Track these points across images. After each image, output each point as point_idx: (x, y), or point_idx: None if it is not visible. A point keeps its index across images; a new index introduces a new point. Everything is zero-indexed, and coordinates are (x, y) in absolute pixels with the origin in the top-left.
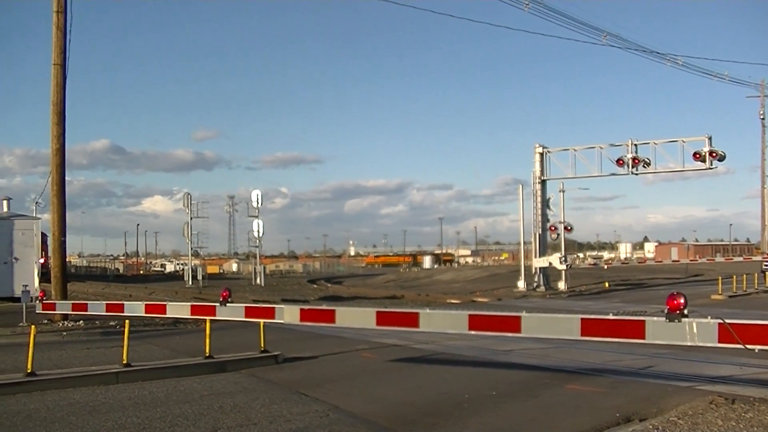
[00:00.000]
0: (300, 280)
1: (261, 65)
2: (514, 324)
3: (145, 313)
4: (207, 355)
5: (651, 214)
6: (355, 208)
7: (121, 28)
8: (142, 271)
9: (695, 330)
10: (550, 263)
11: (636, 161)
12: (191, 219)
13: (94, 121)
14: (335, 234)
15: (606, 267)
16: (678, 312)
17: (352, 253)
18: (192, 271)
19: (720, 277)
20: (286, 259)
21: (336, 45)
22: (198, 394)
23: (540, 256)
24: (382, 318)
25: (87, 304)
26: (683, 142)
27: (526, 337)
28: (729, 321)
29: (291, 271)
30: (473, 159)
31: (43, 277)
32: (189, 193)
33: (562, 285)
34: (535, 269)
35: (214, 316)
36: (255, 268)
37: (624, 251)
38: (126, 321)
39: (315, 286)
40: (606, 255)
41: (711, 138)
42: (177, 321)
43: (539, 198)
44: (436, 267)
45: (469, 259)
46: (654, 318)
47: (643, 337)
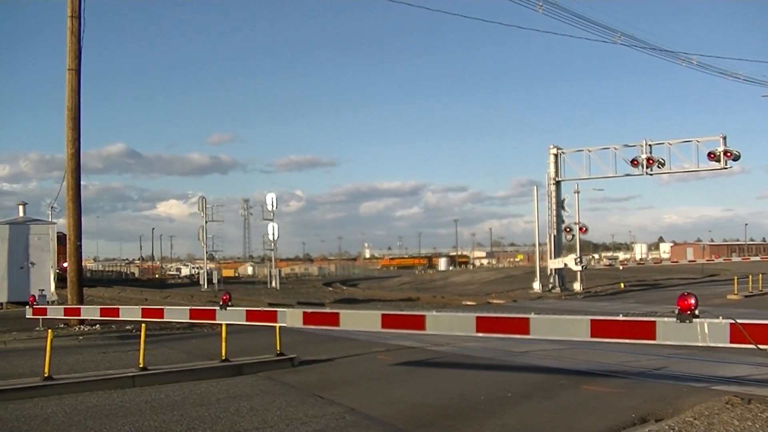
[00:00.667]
0: (315, 283)
1: (276, 69)
2: (522, 326)
3: (142, 318)
4: (223, 359)
5: (666, 214)
6: (370, 210)
7: (137, 33)
8: (157, 275)
9: (706, 330)
10: (565, 264)
11: (650, 162)
12: (206, 222)
13: (109, 126)
14: (350, 237)
15: (621, 268)
16: (689, 312)
17: (367, 256)
18: (207, 275)
19: (736, 277)
20: (301, 262)
21: (350, 48)
22: (215, 397)
23: (555, 257)
24: (387, 321)
25: (80, 308)
26: (698, 142)
27: (540, 339)
28: (741, 321)
29: (306, 274)
30: (488, 161)
31: (63, 282)
32: (204, 197)
33: (577, 286)
34: (551, 270)
35: (214, 319)
36: (270, 271)
37: (639, 252)
38: (142, 325)
39: (330, 288)
40: (621, 256)
41: (726, 138)
42: (193, 324)
43: (554, 199)
44: (451, 269)
45: (484, 261)
46: (665, 318)
47: (654, 338)
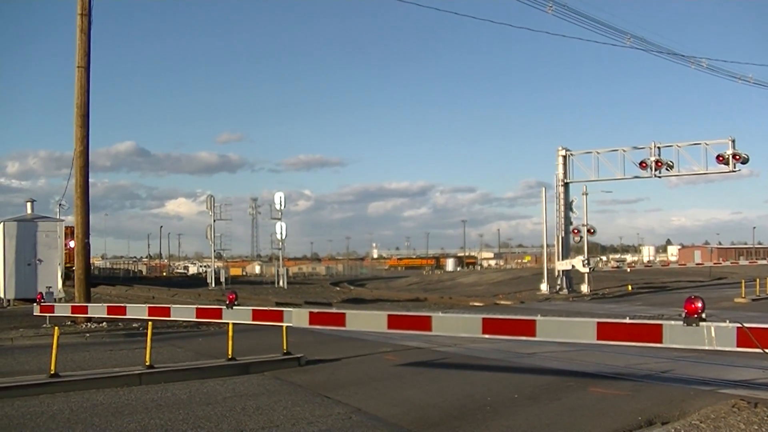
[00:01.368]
0: (323, 282)
1: (285, 69)
2: (528, 328)
3: (148, 316)
4: (230, 357)
5: (674, 217)
6: (378, 210)
7: (148, 32)
8: (165, 273)
9: (713, 334)
10: (573, 266)
11: (659, 164)
12: (214, 221)
13: (118, 124)
14: (358, 236)
15: (629, 270)
16: (696, 316)
17: (374, 256)
18: (215, 274)
19: (743, 281)
20: (309, 262)
21: (359, 49)
22: (221, 396)
23: (563, 258)
24: (393, 322)
25: (88, 306)
26: (706, 144)
27: (546, 341)
28: (748, 325)
29: (314, 274)
30: (496, 162)
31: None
32: (212, 196)
33: (585, 288)
34: (558, 272)
35: (220, 318)
36: (278, 270)
37: (647, 254)
38: (149, 323)
39: (338, 288)
40: (629, 258)
41: (734, 140)
42: (200, 323)
43: (562, 201)
44: (459, 270)
45: (492, 262)
46: (671, 322)
47: (661, 341)
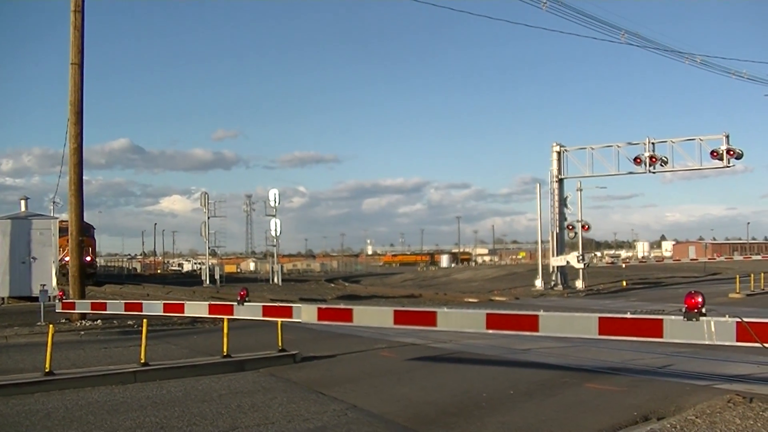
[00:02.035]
0: (317, 279)
1: (280, 66)
2: (531, 323)
3: (164, 312)
4: (225, 354)
5: (669, 212)
6: (373, 207)
7: (141, 28)
8: (159, 271)
9: (713, 329)
10: (567, 262)
11: (653, 160)
12: (208, 218)
13: (113, 121)
14: (353, 233)
15: (624, 266)
16: (696, 311)
17: (369, 252)
18: (210, 271)
19: (738, 276)
20: (303, 258)
21: (355, 45)
22: (216, 393)
23: (558, 254)
24: (399, 317)
25: (106, 303)
26: (701, 140)
27: (544, 336)
28: (747, 320)
29: (308, 270)
30: (491, 158)
31: (86, 278)
32: (206, 193)
33: (579, 284)
34: (553, 268)
35: (232, 315)
36: (272, 267)
37: (642, 250)
38: (144, 320)
39: (333, 285)
40: (624, 254)
41: (729, 136)
42: (195, 320)
43: (557, 197)
44: (453, 266)
45: (487, 258)
46: (672, 317)
47: (661, 336)
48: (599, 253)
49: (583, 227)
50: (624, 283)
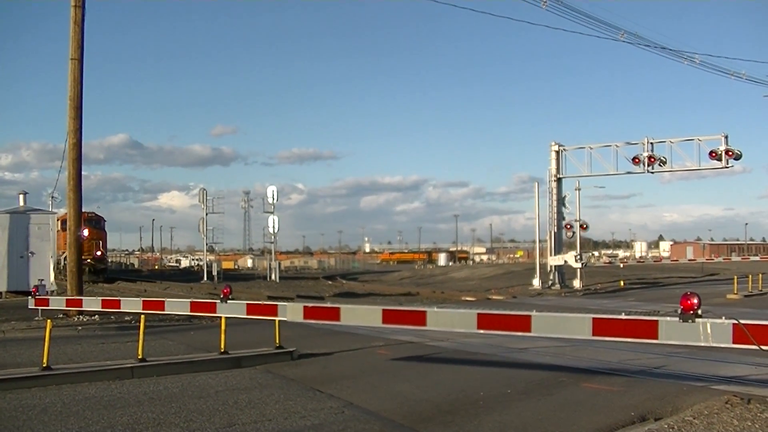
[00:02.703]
0: (315, 276)
1: (278, 62)
2: (524, 323)
3: (143, 310)
4: (222, 351)
5: (667, 212)
6: (371, 204)
7: (141, 24)
8: (157, 267)
9: (709, 330)
10: (565, 261)
11: (652, 160)
12: (207, 214)
13: (112, 116)
14: (350, 230)
15: (622, 265)
16: (692, 312)
17: (367, 250)
18: (208, 267)
19: (735, 277)
20: (301, 255)
21: (354, 41)
22: (213, 389)
23: (555, 254)
24: (388, 316)
25: (82, 300)
26: (699, 140)
27: (541, 336)
28: (744, 321)
29: (306, 268)
30: (490, 156)
31: (96, 274)
32: (204, 189)
33: (577, 283)
34: (551, 267)
35: (214, 313)
36: (270, 264)
37: (639, 250)
38: (141, 316)
39: (330, 282)
40: (621, 253)
41: (727, 137)
42: (192, 316)
43: (555, 196)
44: (451, 264)
45: (484, 257)
46: (667, 318)
47: (656, 337)
48: (597, 253)
49: (581, 227)
50: (621, 283)
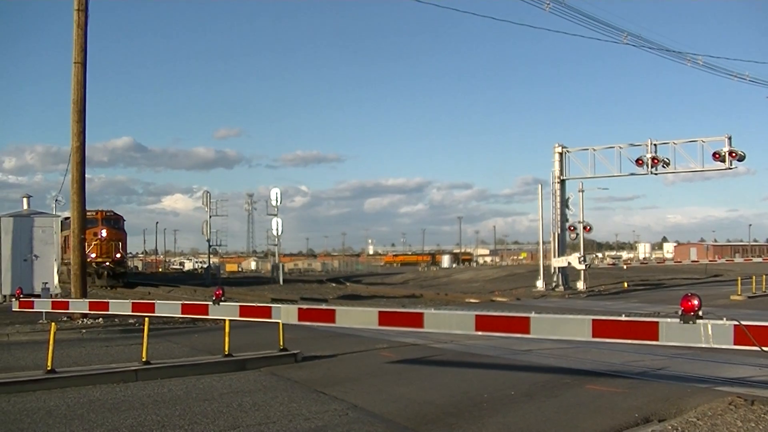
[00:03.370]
0: (319, 278)
1: (283, 65)
2: (522, 325)
3: (132, 312)
4: (226, 353)
5: (670, 214)
6: (375, 206)
7: (145, 27)
8: (160, 269)
9: (710, 332)
10: (569, 263)
11: (655, 161)
12: (210, 217)
13: (116, 120)
14: (354, 232)
15: (625, 267)
16: (692, 313)
17: (370, 252)
18: (212, 269)
19: (739, 278)
20: (304, 258)
21: (358, 44)
22: (217, 392)
23: (559, 255)
24: (384, 318)
25: (68, 302)
26: (703, 142)
27: (542, 338)
28: (745, 323)
29: (310, 270)
30: (493, 158)
31: (115, 278)
32: (208, 191)
33: (581, 285)
34: (554, 269)
35: (207, 315)
36: (274, 266)
37: (643, 251)
38: (146, 319)
39: (334, 284)
40: (625, 255)
41: (731, 138)
42: (196, 319)
43: (558, 197)
44: (454, 266)
45: (488, 259)
46: (668, 319)
47: (657, 339)
48: (600, 255)
49: (585, 228)
50: (625, 285)
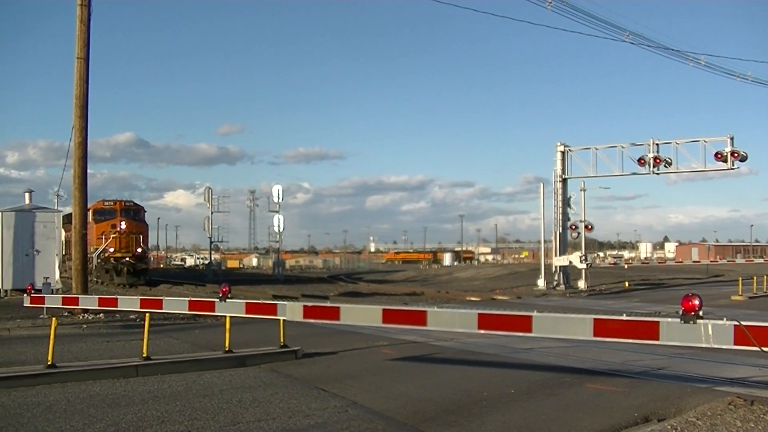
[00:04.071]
0: (320, 275)
1: (286, 62)
2: (524, 324)
3: (140, 309)
4: (227, 350)
5: (672, 214)
6: (377, 204)
7: (148, 22)
8: (162, 265)
9: (710, 332)
10: (570, 262)
11: (657, 161)
12: (212, 213)
13: (118, 115)
14: (355, 230)
15: (626, 266)
16: (693, 313)
17: (372, 249)
18: (214, 266)
19: (740, 278)
20: (306, 255)
21: (359, 42)
22: (218, 388)
23: (560, 254)
24: (388, 316)
25: (78, 298)
26: (705, 142)
27: (543, 336)
28: (745, 323)
29: (311, 267)
30: (495, 157)
31: (136, 275)
32: (210, 187)
33: (582, 284)
34: (556, 268)
35: (213, 312)
36: (275, 263)
37: (644, 251)
38: (146, 314)
39: (335, 282)
40: (626, 254)
41: (733, 138)
42: (197, 315)
43: (560, 196)
44: (456, 264)
45: (489, 257)
46: (668, 319)
47: (657, 338)
48: (602, 254)
49: (586, 227)
50: (626, 284)
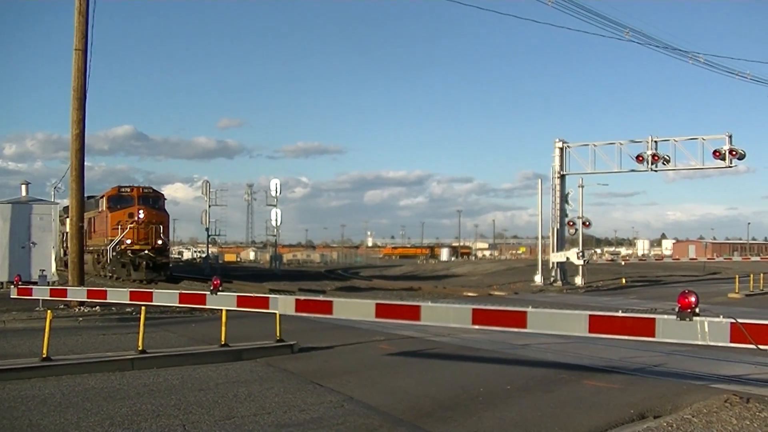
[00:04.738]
0: (317, 269)
1: (285, 56)
2: (519, 319)
3: (130, 301)
4: (223, 343)
5: (670, 211)
6: (375, 198)
7: (148, 15)
8: None
9: (707, 329)
10: (567, 258)
11: (655, 158)
12: (210, 207)
13: (117, 108)
14: (353, 224)
15: (623, 263)
16: (689, 310)
17: (369, 244)
18: (211, 259)
19: (737, 276)
20: (303, 249)
21: (359, 36)
22: (213, 382)
23: (558, 250)
24: (381, 310)
25: (66, 290)
26: (703, 140)
27: (539, 332)
28: (741, 321)
29: (308, 261)
30: (494, 153)
31: (156, 270)
32: (208, 181)
33: (579, 280)
34: (553, 264)
35: (204, 305)
36: (272, 257)
37: (642, 248)
38: (142, 308)
39: (332, 276)
40: (623, 251)
41: (731, 136)
42: (193, 308)
43: (558, 193)
44: (453, 259)
45: (487, 253)
46: (665, 316)
47: (654, 335)
48: (599, 250)
49: (584, 224)
50: (623, 281)
